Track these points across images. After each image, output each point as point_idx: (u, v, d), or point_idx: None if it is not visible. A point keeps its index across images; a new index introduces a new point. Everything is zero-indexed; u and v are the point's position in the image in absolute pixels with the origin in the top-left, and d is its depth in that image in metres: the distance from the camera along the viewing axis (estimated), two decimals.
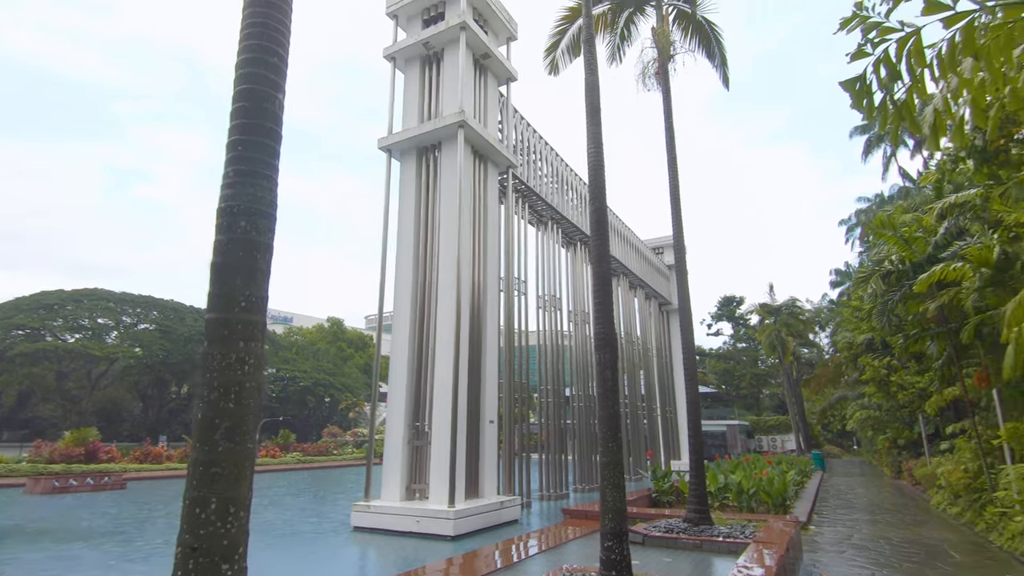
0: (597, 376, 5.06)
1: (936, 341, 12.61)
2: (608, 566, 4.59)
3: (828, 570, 7.87)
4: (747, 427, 47.86)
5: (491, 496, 12.89)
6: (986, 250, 9.23)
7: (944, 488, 14.08)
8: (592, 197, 5.67)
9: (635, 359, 25.49)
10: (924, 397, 17.42)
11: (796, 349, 44.17)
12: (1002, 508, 10.03)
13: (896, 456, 23.87)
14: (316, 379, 46.42)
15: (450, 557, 8.10)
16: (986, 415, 12.88)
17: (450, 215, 13.19)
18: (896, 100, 3.04)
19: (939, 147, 3.15)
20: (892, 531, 11.27)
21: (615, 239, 23.94)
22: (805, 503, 14.15)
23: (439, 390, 12.51)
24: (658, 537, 7.65)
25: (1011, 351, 7.29)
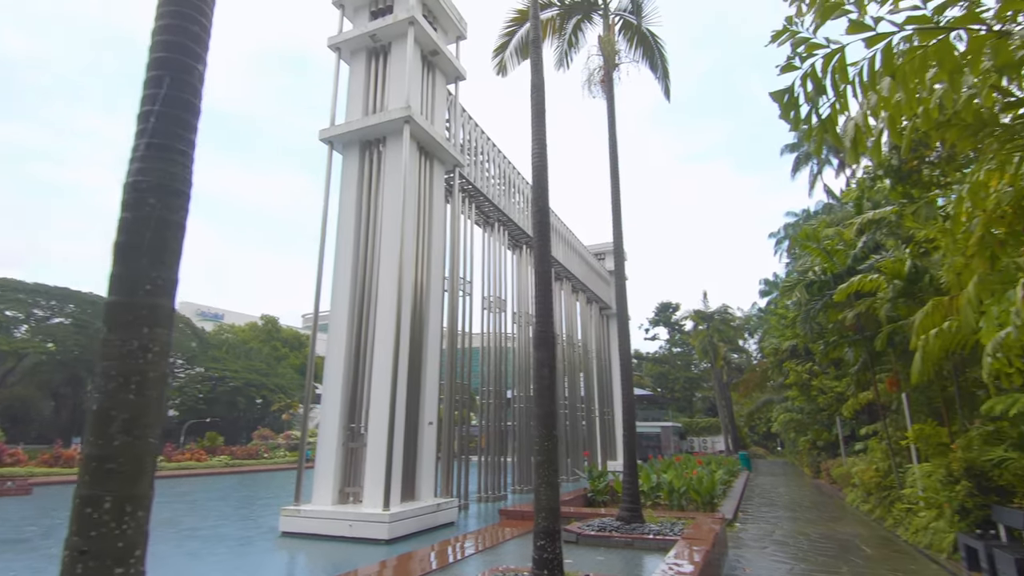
0: (534, 374, 5.06)
1: (853, 348, 13.46)
2: (540, 565, 4.59)
3: (751, 564, 8.21)
4: (680, 429, 49.56)
5: (428, 499, 12.71)
6: (899, 263, 9.93)
7: (858, 486, 15.04)
8: (535, 198, 5.69)
9: (576, 361, 25.87)
10: (842, 401, 18.57)
11: (727, 354, 46.18)
12: (908, 505, 10.80)
13: (816, 457, 25.33)
14: (247, 379, 44.40)
15: (383, 560, 7.91)
16: (896, 418, 13.86)
17: (393, 212, 12.94)
18: (821, 114, 3.19)
19: (858, 160, 3.36)
20: (810, 527, 11.92)
21: (559, 243, 24.23)
22: (732, 501, 14.75)
23: (377, 391, 12.23)
24: (592, 536, 7.76)
25: (918, 358, 7.86)
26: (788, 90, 3.08)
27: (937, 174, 8.38)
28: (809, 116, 3.15)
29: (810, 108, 3.14)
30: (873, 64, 3.09)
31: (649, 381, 59.36)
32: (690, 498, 12.89)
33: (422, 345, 13.37)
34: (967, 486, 7.97)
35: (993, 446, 8.06)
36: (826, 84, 3.11)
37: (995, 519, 7.43)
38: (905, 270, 9.75)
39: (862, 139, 3.39)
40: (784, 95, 3.08)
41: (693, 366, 58.92)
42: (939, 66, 3.07)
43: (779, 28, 2.94)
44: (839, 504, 16.29)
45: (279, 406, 47.06)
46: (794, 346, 23.71)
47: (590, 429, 27.06)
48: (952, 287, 8.06)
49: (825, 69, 3.07)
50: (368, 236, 13.42)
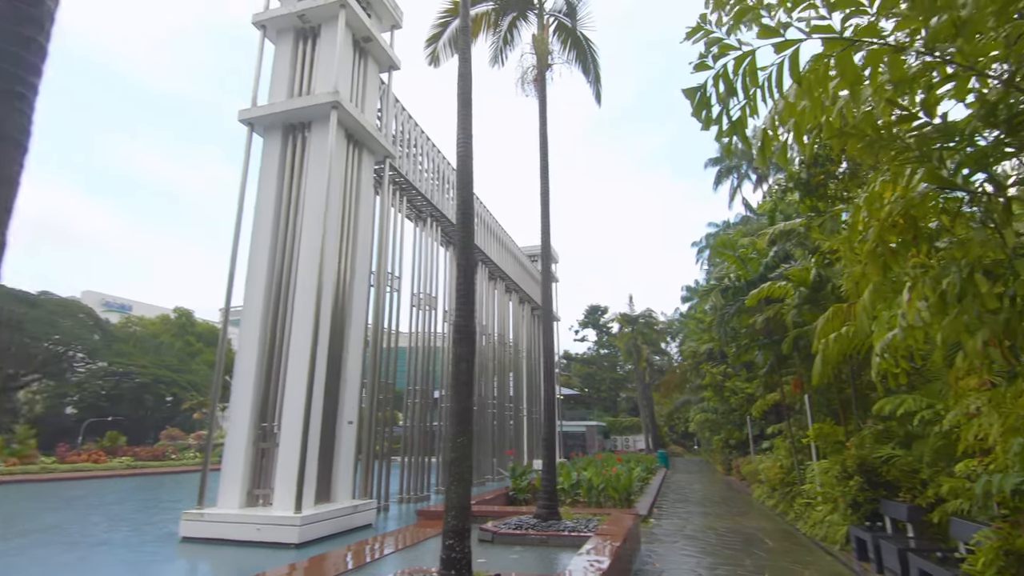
0: (452, 369, 4.91)
1: (762, 351, 14.22)
2: (448, 565, 4.45)
3: (661, 559, 8.44)
4: (604, 428, 50.94)
5: (344, 500, 12.25)
6: (805, 272, 10.57)
7: (764, 483, 15.91)
8: (460, 187, 5.55)
9: (506, 361, 25.90)
10: (752, 401, 19.62)
11: (649, 356, 47.91)
12: (807, 499, 11.49)
13: (728, 455, 26.66)
14: (157, 375, 41.35)
15: (291, 564, 7.50)
16: (799, 418, 14.76)
17: (316, 201, 12.39)
18: (731, 116, 3.24)
19: (766, 165, 3.46)
20: (719, 522, 12.47)
21: (493, 242, 24.19)
22: (648, 498, 15.20)
23: (292, 388, 11.65)
24: (507, 534, 7.71)
25: (819, 361, 8.34)
26: (701, 88, 3.11)
27: (841, 189, 8.97)
28: (720, 117, 3.19)
29: (721, 109, 3.19)
30: (781, 70, 3.17)
31: (577, 381, 60.56)
32: (608, 495, 13.15)
33: (343, 341, 12.88)
34: (859, 481, 8.55)
35: (883, 444, 8.70)
36: (737, 86, 3.17)
37: (882, 512, 8.02)
38: (810, 278, 10.39)
39: (769, 144, 3.48)
40: (696, 93, 3.10)
41: (619, 367, 60.66)
42: (841, 77, 3.20)
43: (694, 26, 2.96)
44: (747, 500, 17.18)
45: (191, 404, 44.15)
46: (710, 349, 24.85)
47: (517, 428, 27.18)
48: (850, 295, 8.64)
49: (736, 71, 3.12)
50: (288, 225, 12.77)
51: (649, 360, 47.82)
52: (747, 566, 7.96)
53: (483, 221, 23.19)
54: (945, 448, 7.08)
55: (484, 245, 22.65)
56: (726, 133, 3.23)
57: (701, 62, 2.99)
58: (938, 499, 7.44)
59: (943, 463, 7.46)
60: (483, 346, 22.70)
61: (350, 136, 13.68)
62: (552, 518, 8.34)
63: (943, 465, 7.44)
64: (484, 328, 23.00)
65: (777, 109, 3.34)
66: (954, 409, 6.05)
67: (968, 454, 5.15)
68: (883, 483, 8.49)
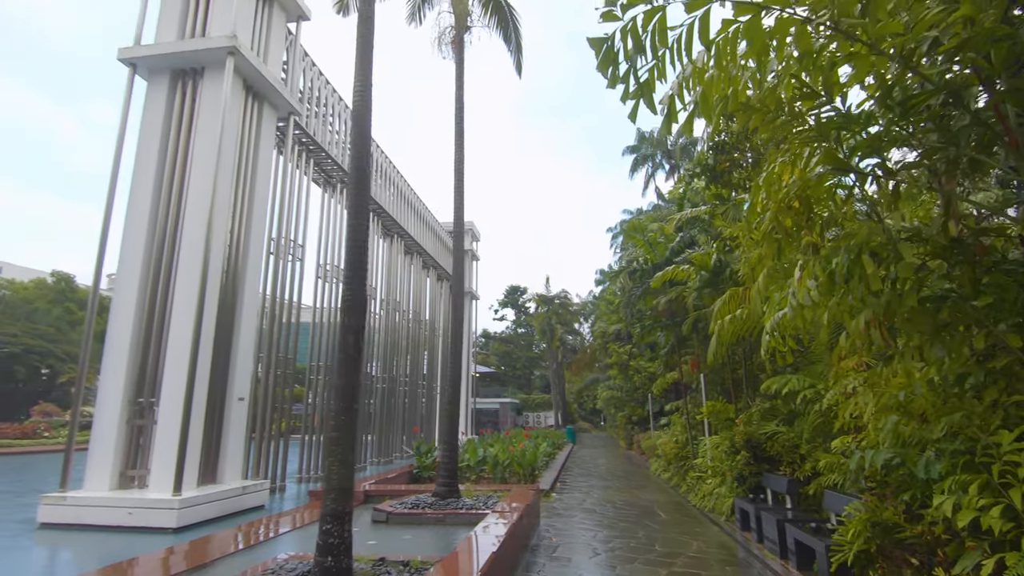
0: (339, 341, 4.48)
1: (664, 332, 14.77)
2: (325, 551, 4.09)
3: (560, 533, 8.52)
4: (517, 404, 51.82)
5: (233, 481, 11.42)
6: (707, 256, 10.95)
7: (661, 457, 16.70)
8: (354, 138, 5.03)
9: (420, 339, 25.37)
10: (653, 380, 20.50)
11: (563, 336, 49.10)
12: (698, 473, 12.11)
13: (630, 430, 27.89)
14: (29, 345, 36.88)
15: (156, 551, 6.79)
16: (695, 396, 15.54)
17: (207, 156, 11.21)
18: (639, 76, 3.04)
19: (670, 132, 3.33)
20: (617, 495, 12.90)
21: (411, 215, 23.40)
22: (552, 472, 15.49)
23: (173, 361, 10.59)
24: (403, 514, 7.42)
25: (714, 341, 8.66)
26: (609, 39, 2.87)
27: (745, 178, 9.28)
28: (627, 75, 2.98)
29: (629, 66, 2.97)
30: (691, 32, 3.00)
31: (495, 360, 61.11)
32: (513, 470, 13.21)
33: (235, 311, 11.88)
34: (745, 456, 9.04)
35: (768, 421, 9.23)
36: (645, 44, 2.96)
37: (765, 485, 8.52)
38: (711, 263, 10.78)
39: (675, 111, 3.33)
40: (602, 44, 2.87)
41: (534, 346, 61.82)
42: (749, 44, 3.08)
43: None
44: (645, 473, 18.00)
45: (70, 378, 39.88)
46: (618, 330, 25.73)
47: (431, 406, 26.84)
48: (746, 279, 9.02)
49: (646, 26, 2.90)
50: (173, 181, 11.49)
51: (563, 340, 48.99)
52: (640, 538, 8.20)
53: (400, 192, 22.35)
54: (823, 425, 7.58)
55: (400, 218, 21.87)
56: (632, 95, 3.03)
57: (608, 11, 2.74)
58: (814, 472, 8.00)
59: (820, 439, 8.00)
60: (396, 322, 22.05)
61: (249, 87, 12.48)
62: (451, 496, 8.14)
63: (820, 441, 7.98)
64: (398, 304, 22.32)
65: (685, 74, 3.18)
66: (833, 389, 6.42)
67: (843, 431, 5.47)
68: (767, 458, 9.03)
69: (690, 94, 3.33)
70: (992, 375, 3.40)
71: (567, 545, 7.67)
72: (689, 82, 3.26)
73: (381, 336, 20.66)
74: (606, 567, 6.62)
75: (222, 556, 6.26)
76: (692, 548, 7.58)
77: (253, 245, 12.53)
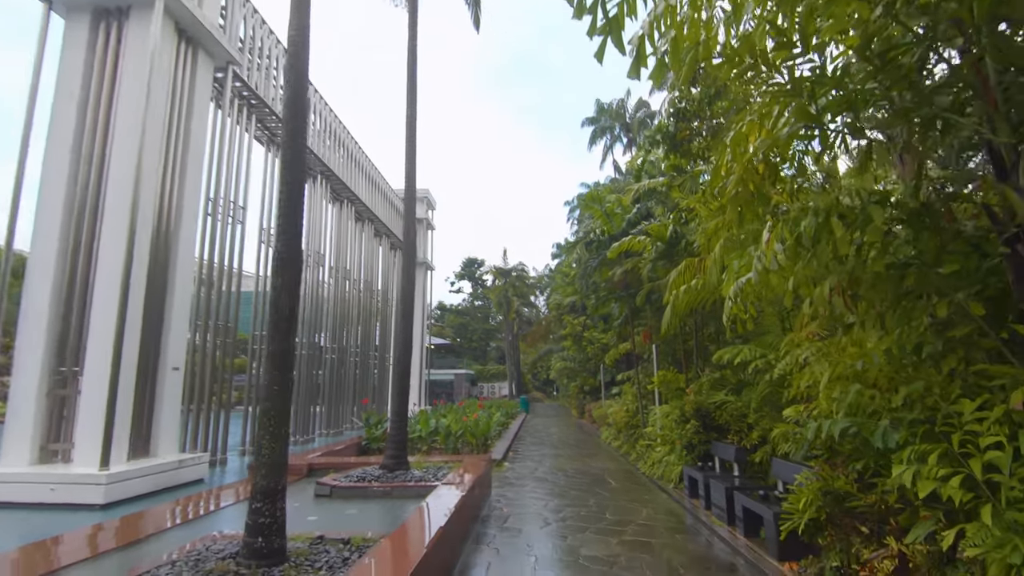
0: (271, 304, 4.06)
1: (619, 304, 14.81)
2: (255, 531, 3.76)
3: (511, 503, 8.44)
4: (472, 375, 51.96)
5: (168, 454, 10.81)
6: (663, 228, 10.90)
7: (611, 425, 16.94)
8: (289, 75, 4.50)
9: (373, 308, 24.72)
10: (606, 351, 20.72)
11: (519, 308, 49.19)
12: (648, 441, 12.29)
13: (582, 400, 28.34)
14: None
15: (78, 528, 6.29)
16: (647, 366, 15.74)
17: (133, 105, 10.24)
18: (607, 9, 2.72)
19: (638, 76, 3.06)
20: (569, 463, 12.99)
21: (363, 181, 22.49)
22: (505, 442, 15.48)
23: (98, 328, 9.79)
24: (348, 487, 7.11)
25: (668, 311, 8.64)
26: None
27: (704, 148, 9.17)
28: (595, 5, 2.66)
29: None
30: None
31: (450, 332, 60.89)
32: (466, 440, 13.08)
33: (167, 276, 11.08)
34: (695, 425, 9.15)
35: (717, 391, 9.34)
36: None
37: (713, 453, 8.65)
38: (667, 234, 10.74)
39: (644, 54, 3.05)
40: None
41: (491, 319, 61.88)
42: None
43: None
44: (596, 441, 18.28)
45: None
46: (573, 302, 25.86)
47: (383, 377, 26.37)
48: (702, 250, 9.00)
49: None
50: (96, 132, 10.47)
51: (519, 312, 49.10)
52: (591, 506, 8.21)
53: (351, 155, 21.40)
54: (771, 395, 7.70)
55: (351, 182, 20.99)
56: (600, 30, 2.72)
57: None
58: (761, 441, 8.16)
59: (768, 408, 8.14)
60: (347, 291, 21.34)
61: (181, 31, 11.42)
62: (400, 468, 7.88)
63: (768, 410, 8.12)
64: (348, 272, 21.56)
65: (657, 11, 2.88)
66: (784, 359, 6.46)
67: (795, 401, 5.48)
68: (715, 426, 9.18)
69: (661, 37, 3.04)
70: (950, 344, 3.36)
71: (518, 515, 7.58)
72: (660, 22, 2.97)
73: (330, 305, 19.95)
74: (557, 537, 6.55)
75: (149, 534, 5.84)
76: (642, 516, 7.63)
77: (187, 205, 11.65)
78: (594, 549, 6.03)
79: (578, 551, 5.95)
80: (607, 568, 5.44)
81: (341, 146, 20.40)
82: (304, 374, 17.65)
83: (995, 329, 3.14)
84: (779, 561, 5.25)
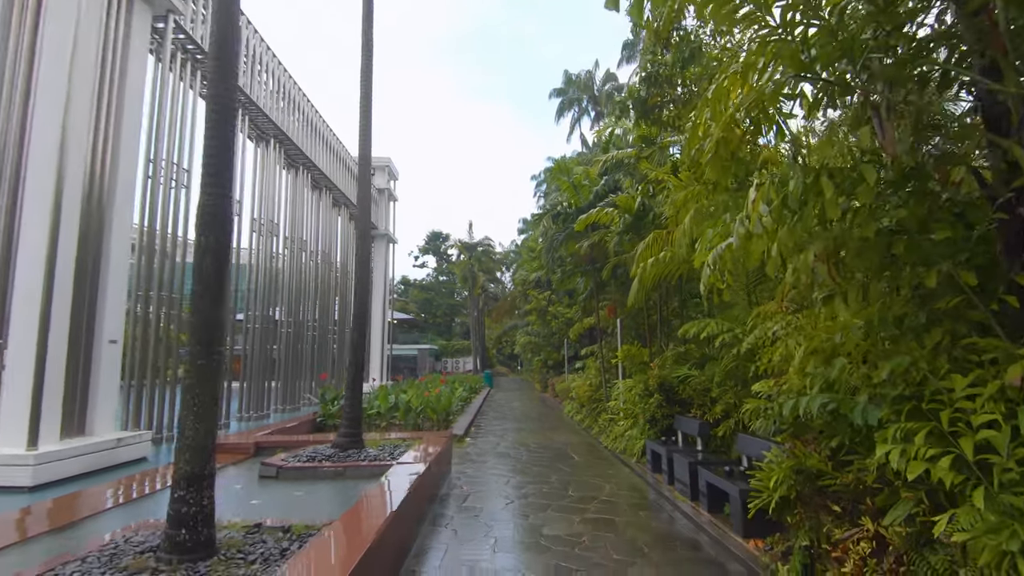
0: (194, 269, 3.56)
1: (584, 278, 14.60)
2: (178, 522, 3.34)
3: (471, 480, 8.20)
4: (436, 351, 51.59)
5: (105, 432, 10.14)
6: (631, 200, 10.63)
7: (574, 399, 16.91)
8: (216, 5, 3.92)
9: (331, 282, 23.90)
10: (570, 325, 20.63)
11: (485, 284, 48.78)
12: (610, 415, 12.23)
13: (545, 374, 28.38)
14: None
15: None
16: (610, 340, 15.68)
17: (58, 53, 9.26)
18: None
19: (617, 7, 2.69)
20: (531, 437, 12.84)
21: (321, 148, 21.48)
22: (468, 417, 15.25)
23: (22, 298, 8.97)
24: (296, 468, 6.68)
25: (635, 285, 8.43)
26: None
27: (675, 116, 8.87)
28: None
29: None
30: None
31: (414, 307, 60.15)
32: (427, 416, 12.77)
33: (101, 242, 10.24)
34: (659, 399, 9.05)
35: (681, 365, 9.24)
36: None
37: (676, 427, 8.57)
38: (635, 206, 10.49)
39: None
40: None
41: (456, 294, 61.31)
42: None
43: None
44: (558, 415, 18.25)
45: None
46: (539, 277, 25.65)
47: (342, 352, 25.69)
48: (670, 222, 8.77)
49: None
50: (15, 84, 9.46)
51: (484, 287, 48.69)
52: (553, 483, 8.04)
53: (308, 120, 20.37)
54: (735, 370, 7.59)
55: (308, 148, 20.01)
56: None
57: None
58: (724, 415, 8.10)
59: (731, 383, 8.06)
60: (303, 263, 20.48)
61: None
62: (354, 447, 7.47)
63: (731, 384, 8.04)
64: (304, 243, 20.68)
65: None
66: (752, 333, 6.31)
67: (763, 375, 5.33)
68: (678, 400, 9.10)
69: None
70: (934, 316, 3.17)
71: (478, 494, 7.33)
72: None
73: (286, 277, 19.14)
74: (518, 516, 6.33)
75: (74, 520, 5.33)
76: (605, 492, 7.49)
77: (124, 165, 10.75)
78: (557, 528, 5.83)
79: (540, 530, 5.74)
80: (570, 548, 5.23)
81: (297, 109, 19.36)
82: (257, 348, 16.93)
83: (983, 301, 2.96)
84: (744, 538, 5.14)
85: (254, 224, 16.98)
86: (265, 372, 17.22)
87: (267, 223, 17.49)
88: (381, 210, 30.63)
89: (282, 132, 17.90)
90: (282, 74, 18.15)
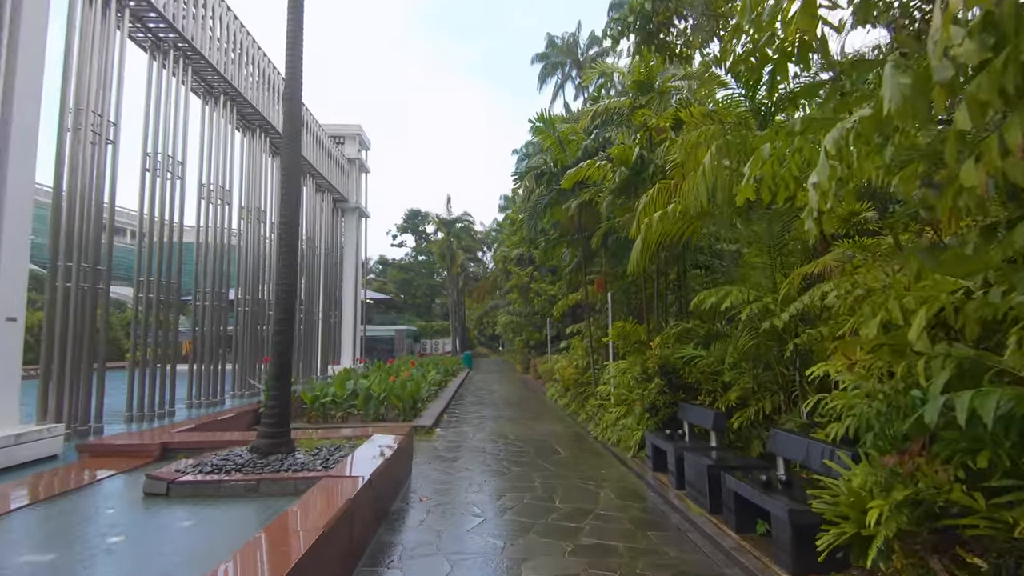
0: None
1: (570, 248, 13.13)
2: None
3: (436, 485, 6.77)
4: (414, 332, 50.00)
5: (3, 427, 8.50)
6: (628, 150, 9.14)
7: (558, 382, 15.54)
8: None
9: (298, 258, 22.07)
10: (554, 303, 19.21)
11: (465, 263, 47.06)
12: (600, 401, 10.88)
13: (527, 355, 27.05)
14: None
15: None
16: (599, 318, 14.29)
17: None
18: None
19: None
20: (510, 427, 11.44)
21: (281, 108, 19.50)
22: (440, 403, 13.82)
23: None
24: (193, 483, 5.00)
25: (638, 246, 7.00)
26: None
27: (682, 44, 7.34)
28: None
29: None
30: None
31: (393, 287, 58.43)
32: (392, 404, 11.29)
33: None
34: (660, 383, 7.69)
35: (685, 344, 7.87)
36: None
37: (680, 416, 7.23)
38: (633, 157, 8.99)
39: None
40: None
41: (436, 274, 59.67)
42: None
43: None
44: (541, 399, 16.91)
45: None
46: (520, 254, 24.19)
47: (309, 333, 23.98)
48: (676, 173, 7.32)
49: None
50: None
51: (464, 266, 47.02)
52: (536, 488, 6.63)
53: (266, 77, 18.45)
54: (756, 348, 6.23)
55: (265, 109, 18.12)
56: None
57: None
58: (740, 402, 6.76)
59: (748, 364, 6.71)
60: (261, 236, 18.61)
61: None
62: (277, 451, 5.83)
63: (748, 367, 6.69)
64: (262, 214, 18.80)
65: None
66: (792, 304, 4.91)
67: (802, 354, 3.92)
68: (683, 385, 7.76)
69: None
70: None
71: (441, 507, 5.87)
72: None
73: (242, 253, 17.38)
74: (490, 542, 4.88)
75: None
76: (600, 502, 6.08)
77: (22, 112, 8.94)
78: (542, 563, 4.39)
79: (518, 570, 4.30)
80: None
81: (252, 62, 17.36)
82: (208, 330, 15.22)
83: None
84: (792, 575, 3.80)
85: (201, 190, 15.15)
86: (220, 354, 15.54)
87: (218, 189, 15.66)
88: (352, 182, 28.73)
89: (234, 88, 15.98)
90: (233, 23, 16.17)
